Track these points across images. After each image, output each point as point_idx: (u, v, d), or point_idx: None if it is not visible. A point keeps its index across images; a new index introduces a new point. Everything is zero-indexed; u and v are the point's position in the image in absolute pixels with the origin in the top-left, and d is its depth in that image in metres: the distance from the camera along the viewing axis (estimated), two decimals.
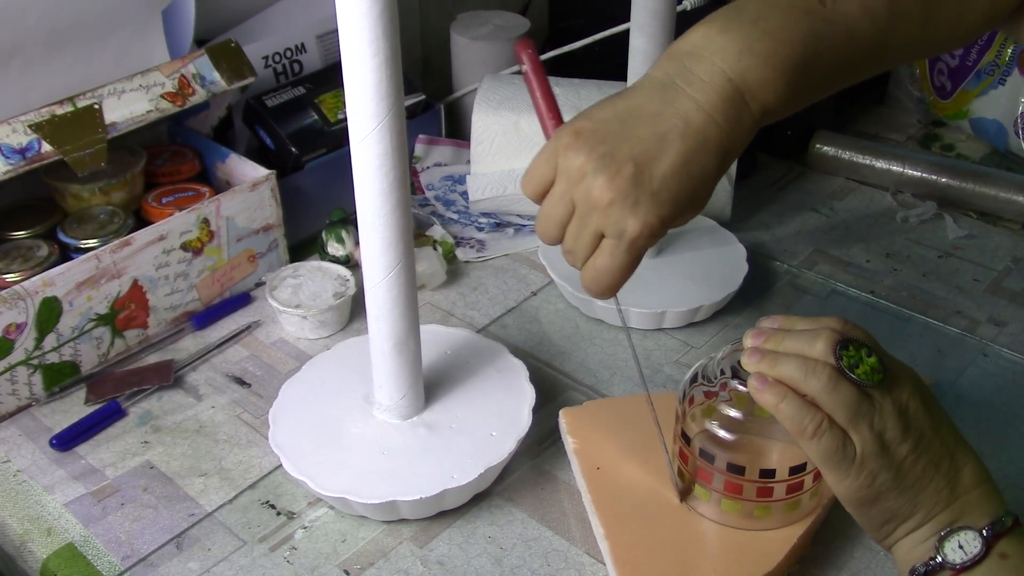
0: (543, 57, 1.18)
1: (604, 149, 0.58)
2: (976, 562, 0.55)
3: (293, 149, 1.01)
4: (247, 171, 0.94)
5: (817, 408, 0.57)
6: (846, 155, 1.13)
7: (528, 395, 0.77)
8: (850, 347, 0.57)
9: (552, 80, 1.07)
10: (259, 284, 0.96)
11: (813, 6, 0.59)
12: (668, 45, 0.83)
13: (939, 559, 0.56)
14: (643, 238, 0.59)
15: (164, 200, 0.93)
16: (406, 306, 0.70)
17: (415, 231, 1.00)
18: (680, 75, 0.58)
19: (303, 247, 1.01)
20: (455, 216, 1.06)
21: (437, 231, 1.02)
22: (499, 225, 1.05)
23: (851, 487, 0.57)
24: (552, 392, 0.84)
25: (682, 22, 0.88)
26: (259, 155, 1.03)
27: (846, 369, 0.57)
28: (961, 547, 0.56)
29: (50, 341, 0.81)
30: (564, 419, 0.77)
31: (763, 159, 1.17)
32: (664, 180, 0.58)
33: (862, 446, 0.56)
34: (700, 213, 0.62)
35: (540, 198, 0.62)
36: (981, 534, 0.55)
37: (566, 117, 1.02)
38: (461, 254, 1.00)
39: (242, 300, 0.94)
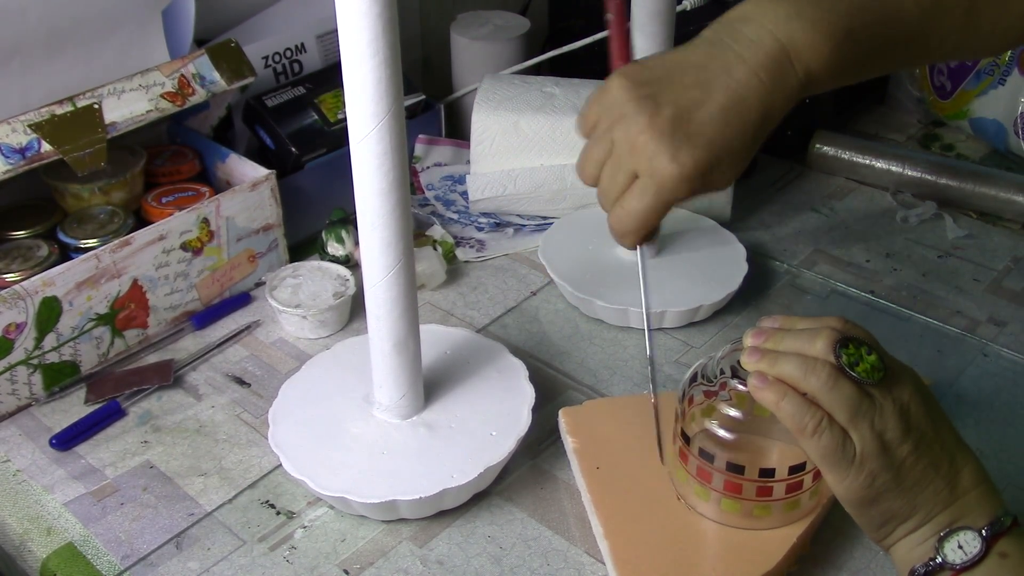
0: (542, 57, 1.18)
1: (647, 91, 0.60)
2: (976, 562, 0.55)
3: (293, 149, 1.01)
4: (247, 171, 0.94)
5: (817, 406, 0.57)
6: (846, 155, 1.13)
7: (528, 395, 0.77)
8: (850, 345, 0.57)
9: (552, 80, 1.08)
10: (259, 284, 0.96)
11: None
12: (668, 45, 0.84)
13: (939, 559, 0.56)
14: (675, 180, 0.60)
15: (164, 200, 0.93)
16: (406, 306, 0.70)
17: (415, 231, 1.00)
18: (729, 35, 0.61)
19: (303, 247, 1.01)
20: (455, 216, 1.06)
21: (437, 231, 1.02)
22: (499, 225, 1.05)
23: (851, 487, 0.57)
24: (552, 392, 0.84)
25: (682, 22, 0.89)
26: (259, 155, 1.03)
27: (846, 367, 0.57)
28: (961, 547, 0.55)
29: (50, 341, 0.81)
30: (564, 419, 0.77)
31: (763, 159, 1.17)
32: (702, 124, 0.59)
33: (862, 445, 0.56)
34: (735, 177, 0.62)
35: (588, 137, 0.64)
36: (980, 534, 0.55)
37: (566, 117, 1.03)
38: (461, 254, 1.00)
39: (242, 300, 0.94)
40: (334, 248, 0.97)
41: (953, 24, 0.65)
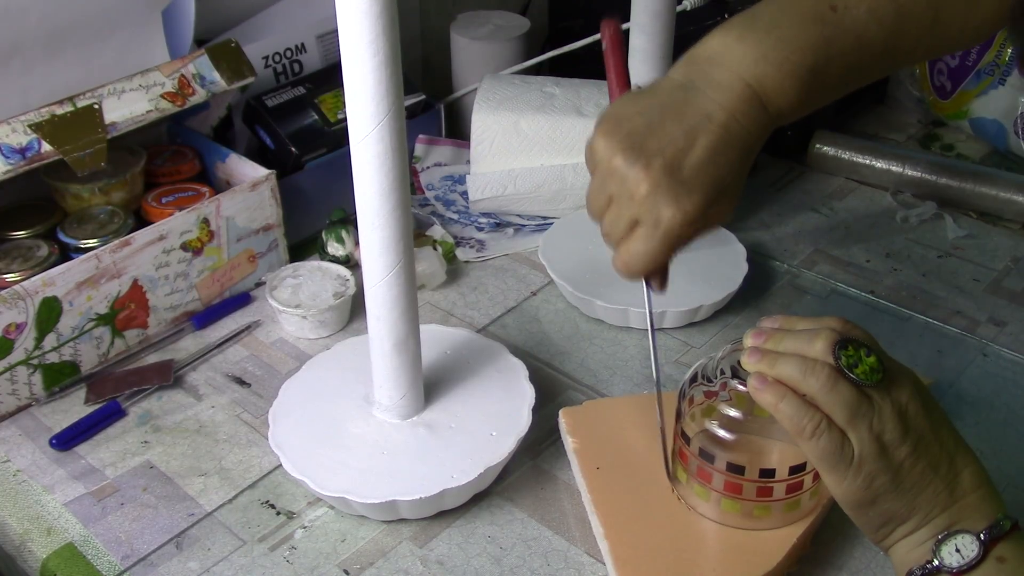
0: (542, 57, 1.18)
1: (631, 144, 0.61)
2: (973, 566, 0.55)
3: (293, 149, 1.01)
4: (247, 171, 0.94)
5: (816, 408, 0.57)
6: (846, 155, 1.13)
7: (528, 395, 0.77)
8: (849, 347, 0.57)
9: (552, 80, 1.08)
10: (259, 284, 0.96)
11: (824, 13, 0.62)
12: (668, 45, 0.84)
13: (935, 562, 0.56)
14: (679, 226, 0.62)
15: (164, 200, 0.93)
16: (406, 306, 0.70)
17: (415, 231, 1.00)
18: (700, 78, 0.62)
19: (303, 247, 1.01)
20: (455, 216, 1.06)
21: (437, 231, 1.02)
22: (499, 225, 1.05)
23: (849, 488, 0.57)
24: (552, 392, 0.84)
25: (682, 22, 0.89)
26: (259, 155, 1.03)
27: (845, 369, 0.57)
28: (958, 550, 0.55)
29: (50, 341, 0.81)
30: (564, 419, 0.77)
31: (763, 159, 1.17)
32: (694, 170, 0.61)
33: (860, 447, 0.56)
34: (733, 209, 0.65)
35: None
36: (978, 538, 0.55)
37: (566, 117, 1.03)
38: (461, 254, 1.00)
39: (242, 300, 0.94)
40: (334, 248, 0.97)
41: (920, 35, 0.65)
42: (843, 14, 0.62)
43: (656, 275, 0.67)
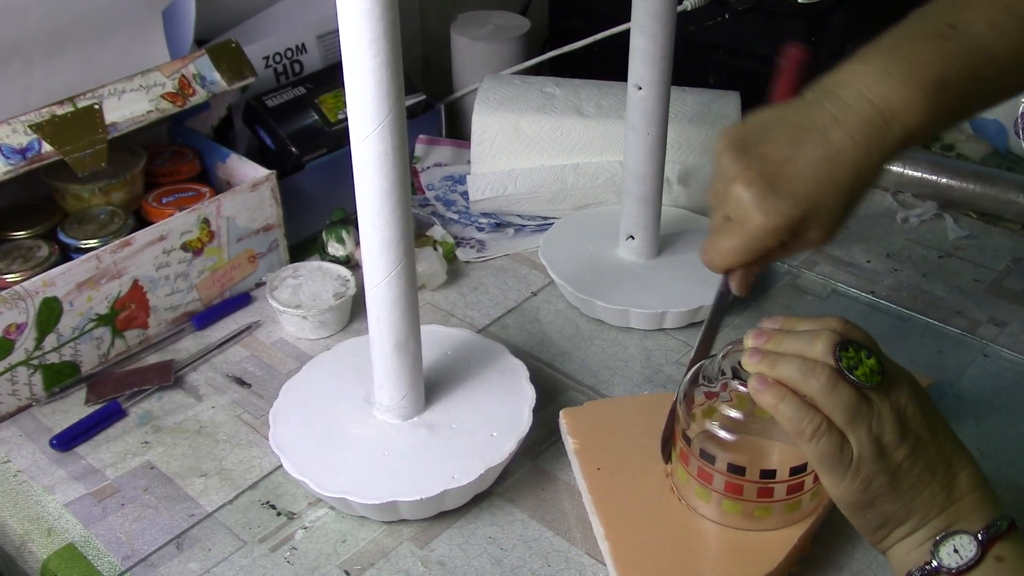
0: (542, 57, 1.18)
1: (743, 146, 0.63)
2: (971, 566, 0.55)
3: (293, 149, 1.01)
4: (247, 171, 0.94)
5: (816, 410, 0.57)
6: None
7: (528, 395, 0.77)
8: (850, 348, 0.58)
9: (552, 80, 1.08)
10: (259, 284, 0.96)
11: (943, 31, 0.62)
12: (668, 45, 0.84)
13: (934, 563, 0.56)
14: (759, 228, 0.62)
15: (164, 200, 0.93)
16: (406, 306, 0.70)
17: (415, 231, 1.00)
18: (827, 97, 0.62)
19: (303, 247, 1.01)
20: (455, 216, 1.06)
21: (437, 231, 1.02)
22: (499, 225, 1.05)
23: (847, 490, 0.57)
24: (552, 392, 0.84)
25: (682, 22, 0.89)
26: (259, 155, 1.03)
27: (845, 370, 0.57)
28: (956, 551, 0.56)
29: (50, 341, 0.81)
30: (564, 419, 0.77)
31: None
32: (790, 179, 0.61)
33: (859, 449, 0.56)
34: (835, 235, 0.64)
35: None
36: (976, 538, 0.55)
37: (566, 117, 1.03)
38: (461, 254, 1.00)
39: (242, 300, 0.94)
40: (334, 248, 0.97)
41: None
42: (963, 30, 0.62)
43: (737, 275, 0.67)
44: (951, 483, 0.57)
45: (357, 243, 0.92)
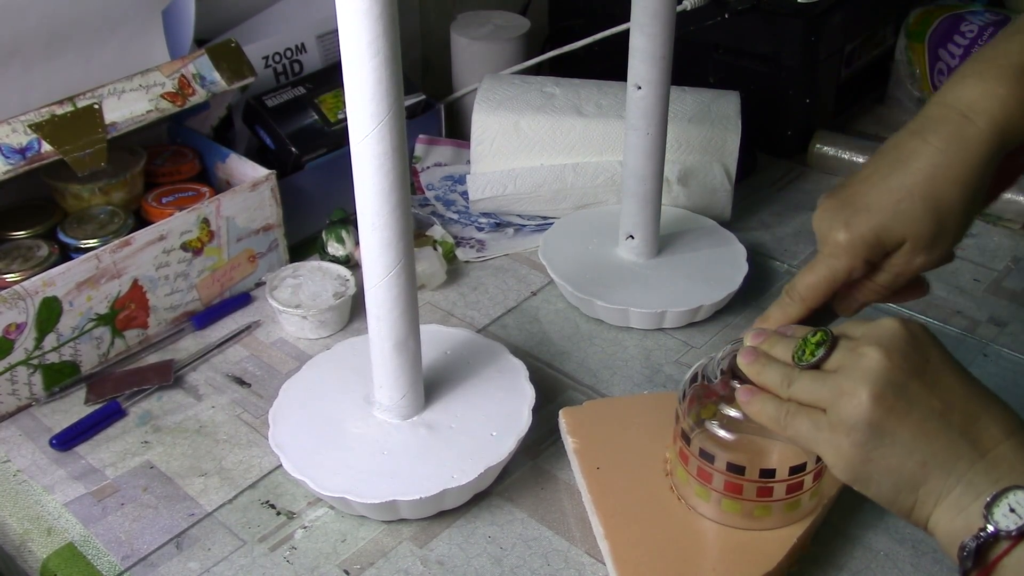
0: (542, 57, 1.18)
1: (835, 189, 0.65)
2: None
3: (293, 149, 1.01)
4: (247, 171, 0.94)
5: (787, 400, 0.59)
6: (846, 155, 1.13)
7: (528, 395, 0.77)
8: (804, 339, 0.59)
9: (552, 80, 1.08)
10: (259, 284, 0.96)
11: (1022, 25, 0.62)
12: (668, 45, 0.84)
13: (990, 528, 0.49)
14: (838, 247, 0.62)
15: (164, 200, 0.93)
16: (406, 306, 0.70)
17: (415, 231, 1.00)
18: (915, 119, 0.64)
19: (303, 247, 1.01)
20: (455, 216, 1.06)
21: (437, 231, 1.02)
22: (499, 225, 1.05)
23: (839, 455, 0.55)
24: (552, 392, 0.84)
25: (682, 22, 0.89)
26: (259, 155, 1.03)
27: (796, 362, 0.59)
28: (1013, 510, 0.49)
29: (50, 341, 0.81)
30: (564, 419, 0.77)
31: (763, 159, 1.17)
32: (864, 194, 0.62)
33: (832, 413, 0.55)
34: (938, 250, 0.64)
35: None
36: None
37: (566, 117, 1.03)
38: (461, 254, 1.00)
39: (242, 300, 0.94)
40: (334, 248, 0.97)
41: None
42: None
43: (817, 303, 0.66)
44: (971, 429, 0.53)
45: (357, 243, 0.92)
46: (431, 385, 0.78)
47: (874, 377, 0.54)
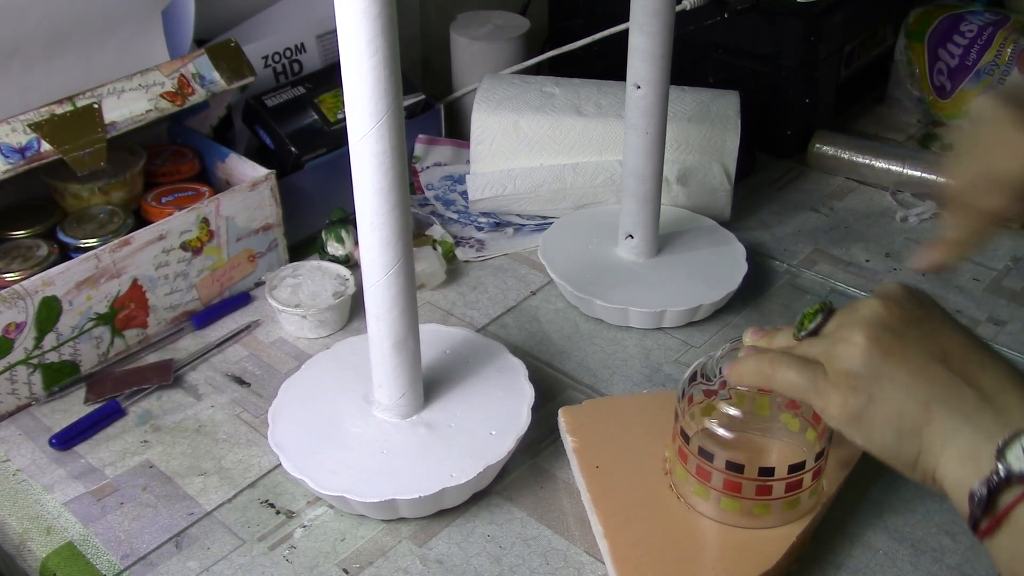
0: (542, 57, 1.18)
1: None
2: None
3: (293, 149, 1.01)
4: (247, 171, 0.94)
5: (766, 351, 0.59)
6: (846, 155, 1.13)
7: (527, 394, 0.77)
8: (804, 312, 0.60)
9: (552, 80, 1.08)
10: (259, 284, 0.96)
11: None
12: (668, 44, 0.84)
13: (1002, 472, 0.46)
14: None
15: (164, 200, 0.93)
16: (405, 305, 0.70)
17: (415, 231, 1.00)
18: None
19: (303, 247, 1.01)
20: (455, 216, 1.06)
21: (437, 231, 1.02)
22: (499, 225, 1.05)
23: (837, 403, 0.53)
24: (551, 391, 0.84)
25: (681, 21, 0.89)
26: (259, 155, 1.03)
27: (796, 336, 0.60)
28: None
29: (50, 340, 0.81)
30: (563, 418, 0.77)
31: (763, 159, 1.17)
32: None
33: (827, 364, 0.55)
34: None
35: None
36: None
37: (566, 117, 1.03)
38: (461, 254, 1.00)
39: (242, 300, 0.94)
40: (334, 248, 0.97)
41: None
42: None
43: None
44: (974, 376, 0.50)
45: (356, 242, 0.91)
46: (430, 384, 0.78)
47: (870, 322, 0.54)
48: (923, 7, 1.24)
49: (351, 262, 0.96)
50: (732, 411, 0.65)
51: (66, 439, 0.79)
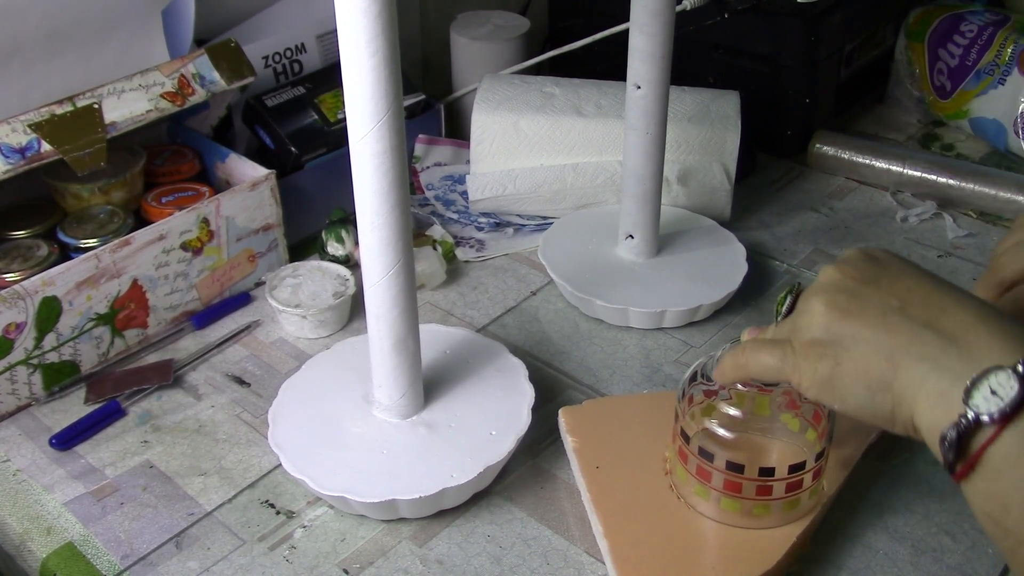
0: (542, 57, 1.18)
1: None
2: (1017, 406, 0.44)
3: (293, 149, 1.01)
4: (247, 171, 0.94)
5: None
6: (846, 155, 1.13)
7: (527, 394, 0.77)
8: (778, 298, 0.62)
9: (552, 80, 1.08)
10: (259, 284, 0.96)
11: None
12: (668, 44, 0.84)
13: (970, 414, 0.45)
14: None
15: (164, 200, 0.93)
16: (405, 305, 0.70)
17: (415, 231, 1.00)
18: None
19: (303, 247, 1.01)
20: (455, 216, 1.06)
21: (437, 231, 1.02)
22: (499, 225, 1.05)
23: (807, 373, 0.53)
24: (552, 391, 0.84)
25: (681, 21, 0.89)
26: (259, 155, 1.03)
27: (776, 324, 0.61)
28: (994, 392, 0.45)
29: (50, 341, 0.81)
30: (563, 418, 0.77)
31: (763, 159, 1.17)
32: None
33: (793, 339, 0.56)
34: None
35: None
36: (1015, 371, 0.45)
37: (566, 117, 1.03)
38: (461, 254, 1.00)
39: (242, 300, 0.94)
40: (334, 248, 0.97)
41: None
42: None
43: None
44: (938, 320, 0.50)
45: (356, 243, 0.92)
46: (430, 384, 0.78)
47: (826, 288, 0.55)
48: (923, 7, 1.24)
49: (351, 262, 0.96)
50: (732, 411, 0.65)
51: (66, 439, 0.79)
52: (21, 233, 0.88)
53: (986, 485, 0.46)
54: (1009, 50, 1.13)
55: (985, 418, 0.45)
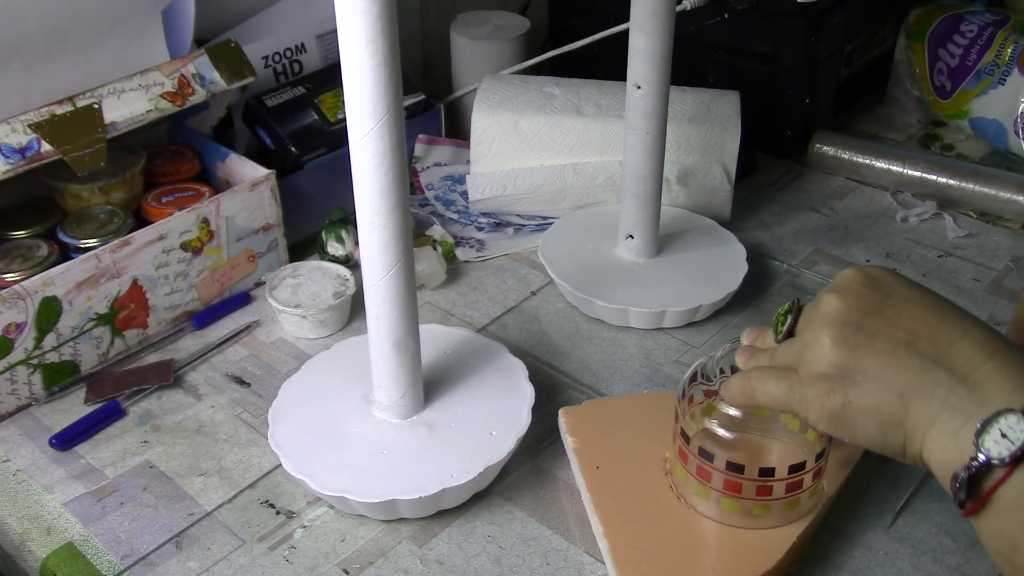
0: (542, 57, 1.18)
1: None
2: None
3: (293, 149, 1.01)
4: (247, 171, 0.94)
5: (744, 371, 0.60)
6: (846, 155, 1.13)
7: (527, 394, 0.77)
8: (777, 313, 0.60)
9: (552, 80, 1.08)
10: (259, 284, 0.96)
11: None
12: (668, 44, 0.84)
13: (981, 457, 0.46)
14: None
15: (164, 200, 0.93)
16: (405, 305, 0.70)
17: (415, 231, 1.00)
18: None
19: (303, 247, 1.01)
20: (455, 216, 1.06)
21: (437, 231, 1.02)
22: (499, 225, 1.05)
23: (817, 407, 0.54)
24: (552, 391, 0.84)
25: (681, 21, 0.89)
26: (259, 155, 1.03)
27: (776, 339, 0.60)
28: (1004, 435, 0.46)
29: (50, 341, 0.81)
30: (564, 418, 0.77)
31: (763, 159, 1.17)
32: None
33: (800, 369, 0.55)
34: None
35: None
36: None
37: (566, 117, 1.03)
38: (461, 254, 1.00)
39: (242, 300, 0.94)
40: (334, 248, 0.97)
41: None
42: None
43: None
44: (947, 355, 0.50)
45: (356, 243, 0.92)
46: (430, 384, 0.78)
47: (830, 320, 0.54)
48: (923, 7, 1.24)
49: (351, 262, 0.96)
50: (732, 411, 0.65)
51: (66, 439, 0.79)
52: (21, 233, 0.88)
53: (996, 523, 0.47)
54: (1009, 50, 1.13)
55: (996, 461, 0.46)
